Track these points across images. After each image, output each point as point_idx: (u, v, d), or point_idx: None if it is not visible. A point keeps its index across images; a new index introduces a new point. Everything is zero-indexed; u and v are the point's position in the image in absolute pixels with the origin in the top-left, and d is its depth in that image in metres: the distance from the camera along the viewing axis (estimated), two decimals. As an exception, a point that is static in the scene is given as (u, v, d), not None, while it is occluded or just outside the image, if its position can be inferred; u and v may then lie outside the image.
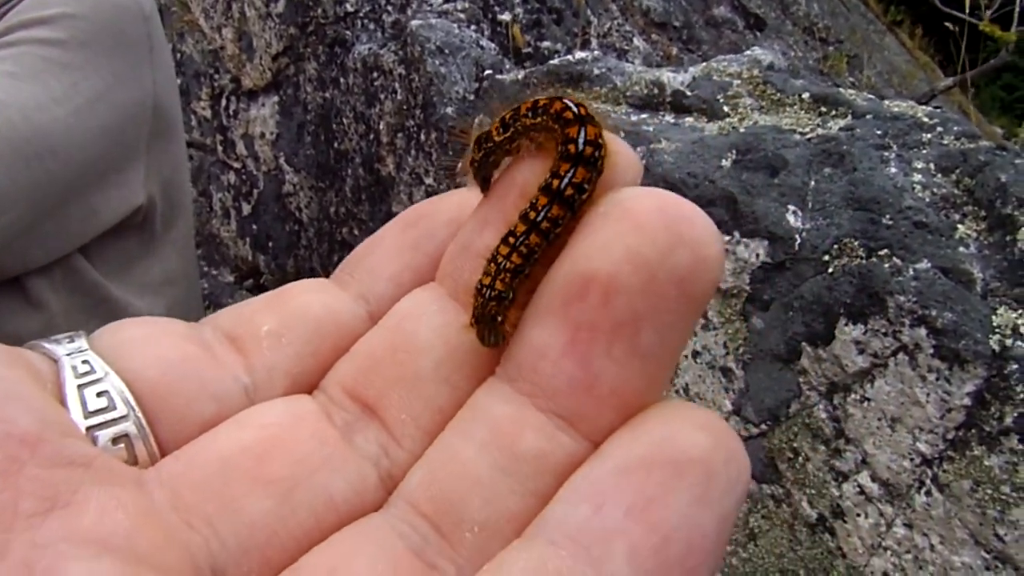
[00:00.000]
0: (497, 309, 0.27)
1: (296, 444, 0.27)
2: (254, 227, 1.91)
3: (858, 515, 0.83)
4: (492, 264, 0.28)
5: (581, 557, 0.22)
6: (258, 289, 1.97)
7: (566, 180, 0.27)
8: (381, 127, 1.40)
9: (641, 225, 0.24)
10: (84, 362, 0.27)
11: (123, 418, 0.27)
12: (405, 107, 1.33)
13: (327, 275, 0.35)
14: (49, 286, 1.01)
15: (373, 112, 1.41)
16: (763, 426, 0.89)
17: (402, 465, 0.28)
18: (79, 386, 0.27)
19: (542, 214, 0.27)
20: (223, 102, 1.89)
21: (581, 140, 0.27)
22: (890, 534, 0.81)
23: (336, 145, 1.55)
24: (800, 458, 0.87)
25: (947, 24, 2.08)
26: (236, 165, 1.92)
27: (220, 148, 1.95)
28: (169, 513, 0.25)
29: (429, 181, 1.31)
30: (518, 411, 0.26)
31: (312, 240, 1.70)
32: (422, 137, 1.30)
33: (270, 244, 1.87)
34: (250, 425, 0.27)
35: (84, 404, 0.26)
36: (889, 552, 0.82)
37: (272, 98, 1.73)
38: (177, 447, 0.27)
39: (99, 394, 0.27)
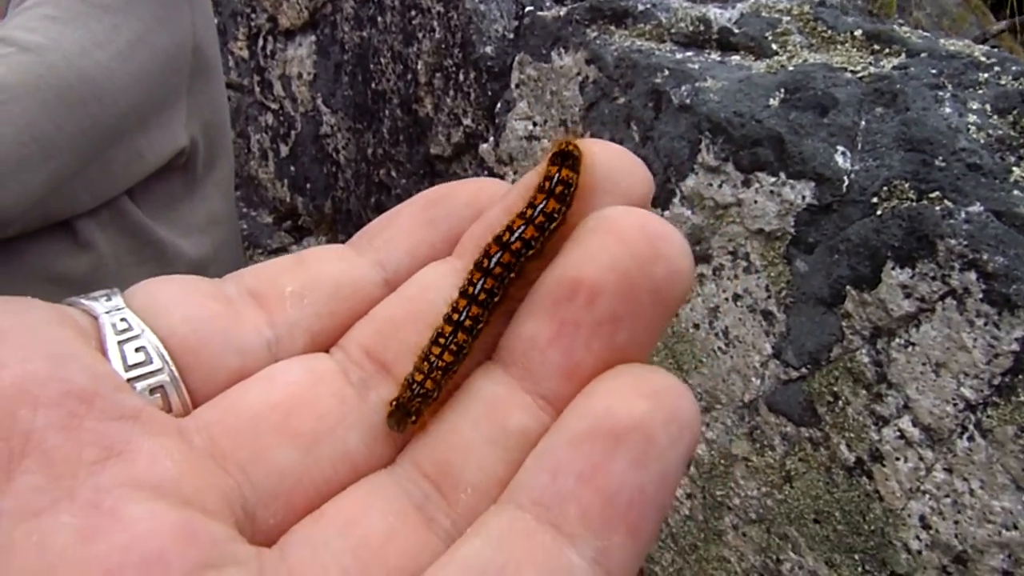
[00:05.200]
0: (420, 405, 0.30)
1: (318, 401, 0.30)
2: (292, 168, 1.92)
3: (897, 459, 0.83)
4: (425, 361, 0.31)
5: (543, 518, 0.26)
6: (296, 230, 1.99)
7: (477, 287, 0.32)
8: (419, 67, 1.38)
9: (624, 240, 0.28)
10: (122, 320, 0.30)
11: (159, 371, 0.29)
12: (443, 46, 1.31)
13: (363, 217, 0.37)
14: (97, 228, 1.03)
15: (411, 51, 1.39)
16: (803, 370, 0.89)
17: None
18: (119, 342, 0.29)
19: (463, 314, 0.31)
20: (260, 42, 1.88)
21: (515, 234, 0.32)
22: (929, 478, 0.81)
23: (373, 85, 1.53)
24: (840, 402, 0.87)
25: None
26: (273, 106, 1.92)
27: (257, 89, 1.95)
28: (207, 459, 0.28)
29: (467, 122, 1.29)
30: (508, 392, 0.30)
31: (349, 182, 1.71)
32: (460, 77, 1.29)
33: (307, 186, 1.88)
34: (278, 382, 0.30)
35: (124, 359, 0.29)
36: (927, 496, 0.82)
37: (309, 38, 1.71)
38: (206, 397, 0.30)
39: (137, 349, 0.29)
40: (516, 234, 0.32)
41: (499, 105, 1.20)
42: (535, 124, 1.15)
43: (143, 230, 1.07)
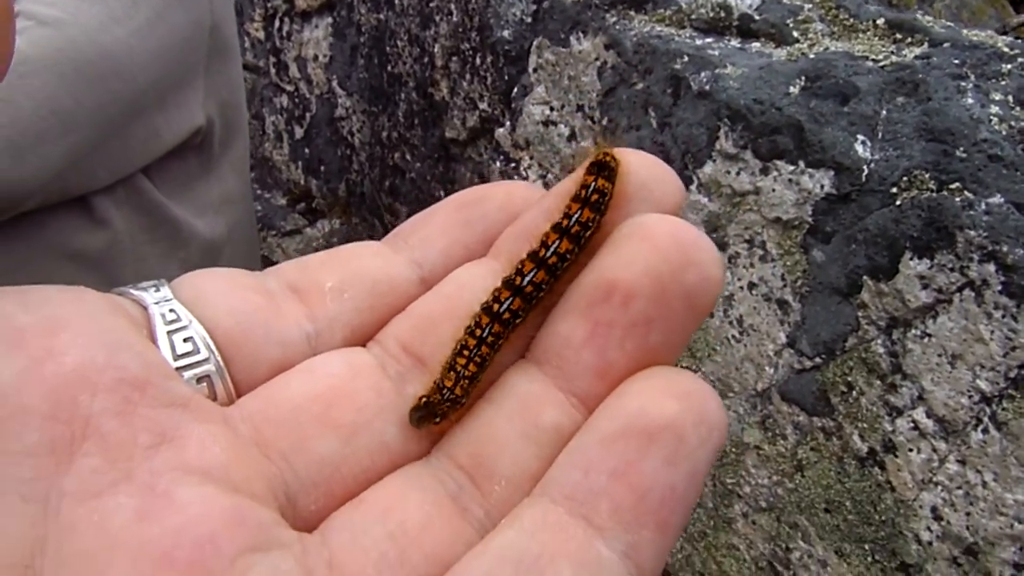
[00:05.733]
0: (448, 410, 0.31)
1: (357, 394, 0.31)
2: (306, 151, 1.92)
3: (910, 450, 0.83)
4: (452, 372, 0.32)
5: (575, 512, 0.27)
6: (309, 213, 1.99)
7: (528, 278, 0.33)
8: (436, 50, 1.38)
9: (659, 246, 0.29)
10: (171, 311, 0.31)
11: (205, 361, 0.31)
12: (460, 29, 1.31)
13: (377, 200, 0.38)
14: (113, 205, 1.04)
15: (428, 34, 1.39)
16: (817, 359, 0.89)
17: None
18: (168, 332, 0.31)
19: (505, 305, 0.32)
20: (276, 23, 1.88)
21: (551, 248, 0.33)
22: (942, 470, 0.81)
23: (389, 68, 1.53)
24: (854, 392, 0.87)
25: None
26: (289, 88, 1.92)
27: (273, 71, 1.95)
28: (251, 447, 0.29)
29: (483, 106, 1.29)
30: (542, 390, 0.31)
31: (364, 164, 1.71)
32: (477, 61, 1.28)
33: (322, 168, 1.88)
34: (318, 374, 0.32)
35: (173, 348, 0.30)
36: (940, 487, 0.82)
37: (326, 19, 1.71)
38: (249, 387, 0.31)
39: (185, 339, 0.31)
40: (551, 249, 0.33)
41: (516, 89, 1.20)
42: (552, 109, 1.14)
43: (159, 208, 1.08)
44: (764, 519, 1.00)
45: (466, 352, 0.32)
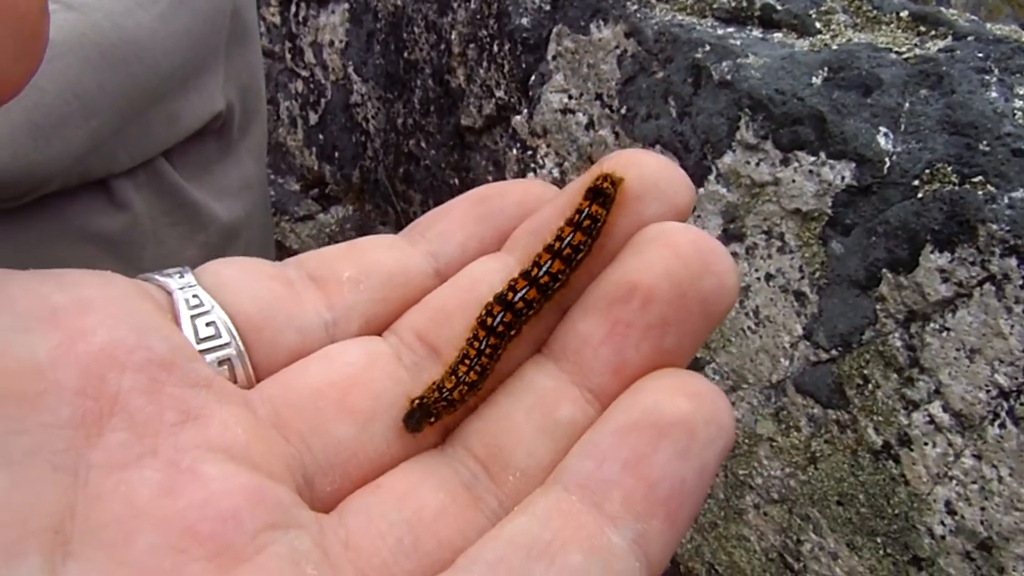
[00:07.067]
0: (443, 411, 0.32)
1: (374, 381, 0.32)
2: (320, 137, 1.92)
3: (925, 444, 0.83)
4: (453, 376, 0.32)
5: (587, 500, 0.28)
6: (323, 199, 1.99)
7: (519, 295, 0.33)
8: (453, 37, 1.37)
9: (680, 253, 0.30)
10: (194, 296, 0.32)
11: (227, 345, 0.31)
12: (478, 16, 1.31)
13: (391, 187, 0.38)
14: (134, 188, 1.04)
15: (445, 21, 1.39)
16: (834, 352, 0.89)
17: None
18: (192, 316, 0.32)
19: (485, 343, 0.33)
20: (292, 8, 1.88)
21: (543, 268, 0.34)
22: (957, 464, 0.81)
23: (406, 55, 1.53)
24: (870, 385, 0.87)
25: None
26: (304, 74, 1.92)
27: (289, 56, 1.95)
28: (271, 429, 0.30)
29: (500, 94, 1.29)
30: (559, 385, 0.32)
31: (378, 151, 1.71)
32: (495, 48, 1.28)
33: (336, 154, 1.88)
34: (337, 361, 0.32)
35: (196, 332, 0.31)
36: (954, 482, 0.82)
37: (342, 5, 1.71)
38: (268, 372, 0.32)
39: (208, 324, 0.32)
40: (566, 242, 0.34)
41: (533, 77, 1.20)
42: (570, 97, 1.14)
43: (178, 192, 1.08)
44: (776, 511, 1.00)
45: (467, 359, 0.32)
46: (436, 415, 0.31)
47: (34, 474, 0.25)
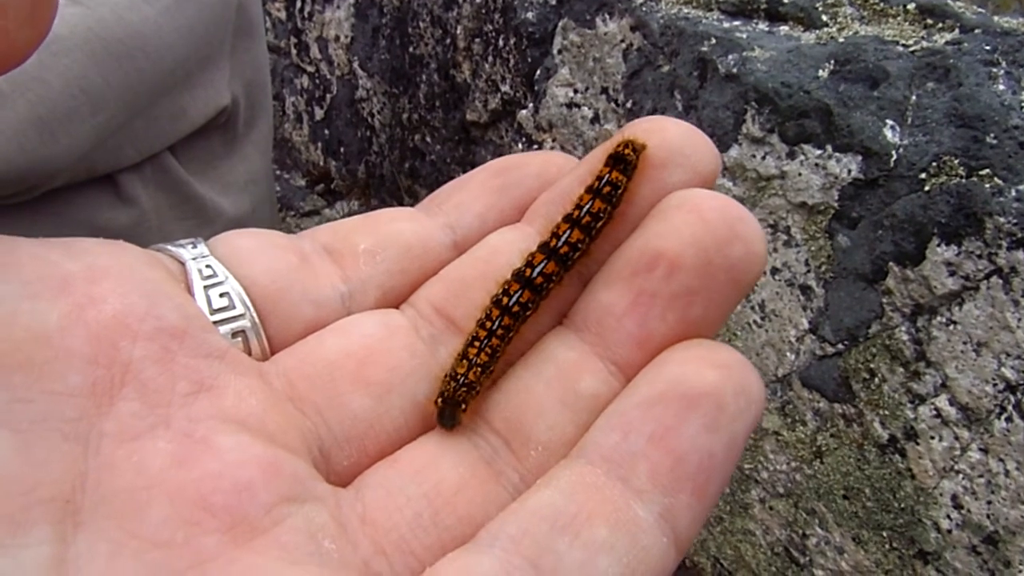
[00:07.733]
0: (465, 395, 0.31)
1: (390, 354, 0.31)
2: (326, 132, 1.93)
3: (932, 438, 0.83)
4: (464, 360, 0.31)
5: (612, 474, 0.27)
6: (328, 194, 2.00)
7: (537, 270, 0.33)
8: (458, 31, 1.37)
9: (706, 219, 0.29)
10: (208, 266, 0.31)
11: (241, 316, 0.31)
12: (483, 11, 1.30)
13: (396, 182, 0.38)
14: (140, 182, 1.05)
15: (450, 16, 1.39)
16: (840, 345, 0.89)
17: None
18: (205, 287, 0.31)
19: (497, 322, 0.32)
20: (298, 3, 1.88)
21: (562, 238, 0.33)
22: (964, 458, 0.81)
23: (411, 50, 1.53)
24: (876, 379, 0.86)
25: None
26: (310, 69, 1.92)
27: (294, 51, 1.95)
28: (286, 401, 0.30)
29: (505, 88, 1.29)
30: (581, 357, 0.31)
31: (383, 146, 1.71)
32: (500, 43, 1.28)
33: (341, 149, 1.88)
34: (353, 333, 0.32)
35: (209, 302, 0.30)
36: (961, 475, 0.82)
37: (347, 0, 1.71)
38: (283, 344, 0.31)
39: (221, 295, 0.31)
40: (584, 210, 0.33)
41: (539, 71, 1.20)
42: (576, 91, 1.14)
43: (184, 186, 1.08)
44: (781, 505, 1.00)
45: (476, 343, 0.32)
46: (463, 401, 0.31)
47: (41, 443, 0.25)
